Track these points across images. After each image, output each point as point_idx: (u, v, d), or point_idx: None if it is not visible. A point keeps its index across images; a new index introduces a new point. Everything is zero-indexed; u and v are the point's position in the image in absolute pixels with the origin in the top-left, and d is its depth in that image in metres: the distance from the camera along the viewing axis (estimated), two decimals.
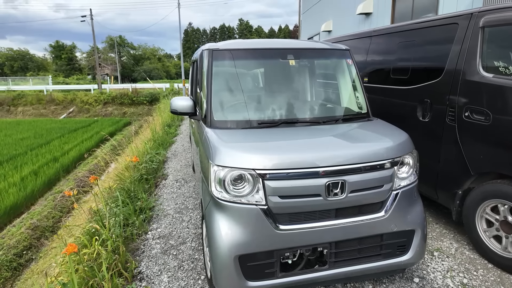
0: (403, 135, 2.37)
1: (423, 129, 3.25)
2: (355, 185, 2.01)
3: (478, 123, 2.68)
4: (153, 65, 55.37)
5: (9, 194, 7.54)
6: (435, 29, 3.25)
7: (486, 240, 2.74)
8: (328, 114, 2.90)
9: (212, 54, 2.73)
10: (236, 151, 2.04)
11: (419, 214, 2.26)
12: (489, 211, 2.70)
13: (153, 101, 23.65)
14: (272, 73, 3.02)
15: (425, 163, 3.00)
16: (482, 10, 2.77)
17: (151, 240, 3.31)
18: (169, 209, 4.06)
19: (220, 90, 2.69)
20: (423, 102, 3.26)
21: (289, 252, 2.01)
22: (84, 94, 26.13)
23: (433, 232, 3.26)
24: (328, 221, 2.04)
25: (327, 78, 3.26)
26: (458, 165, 2.89)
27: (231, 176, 1.96)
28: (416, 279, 2.53)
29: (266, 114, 2.68)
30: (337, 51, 3.09)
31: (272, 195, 1.94)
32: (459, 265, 2.71)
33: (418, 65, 3.46)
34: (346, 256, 2.11)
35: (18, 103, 25.51)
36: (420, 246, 2.23)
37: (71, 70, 52.38)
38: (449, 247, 2.98)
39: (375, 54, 4.19)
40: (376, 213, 2.12)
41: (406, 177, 2.22)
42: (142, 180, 4.90)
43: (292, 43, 3.25)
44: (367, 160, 2.06)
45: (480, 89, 2.68)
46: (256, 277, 1.98)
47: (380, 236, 2.15)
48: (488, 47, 2.70)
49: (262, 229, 1.95)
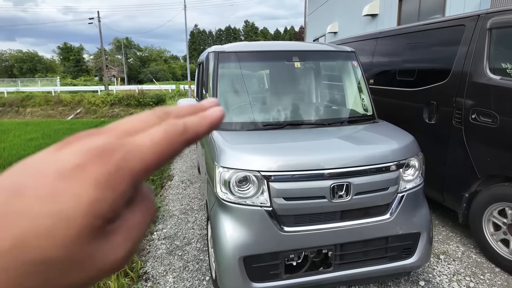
0: (409, 137, 2.36)
1: (429, 131, 3.23)
2: (360, 187, 2.01)
3: (485, 125, 2.66)
4: (159, 66, 55.73)
5: None
6: (441, 31, 3.23)
7: (493, 243, 2.71)
8: (334, 116, 2.90)
9: (218, 56, 2.75)
10: (241, 153, 2.05)
11: (425, 217, 2.24)
12: (496, 214, 2.67)
13: (159, 102, 23.79)
14: (277, 75, 3.03)
15: (431, 165, 2.98)
16: (489, 11, 2.75)
17: (156, 240, 3.33)
18: (174, 210, 4.09)
19: (225, 92, 2.70)
20: (430, 104, 3.24)
21: (293, 254, 2.02)
22: (91, 95, 26.40)
23: (439, 235, 3.23)
24: (333, 223, 2.04)
25: (333, 80, 3.26)
26: (464, 167, 2.86)
27: (236, 177, 1.97)
28: (422, 283, 2.51)
29: (271, 116, 2.69)
30: (343, 53, 3.09)
31: (277, 197, 1.95)
32: (466, 269, 2.69)
33: (425, 67, 3.44)
34: (351, 259, 2.11)
35: (27, 104, 25.87)
36: (426, 249, 2.22)
37: (79, 71, 52.98)
38: (456, 250, 2.96)
39: (381, 56, 4.18)
40: (382, 215, 2.11)
41: (411, 180, 2.21)
42: (147, 181, 4.93)
43: (297, 45, 3.26)
44: (372, 162, 2.05)
45: (487, 91, 2.66)
46: (261, 279, 1.99)
47: (386, 239, 2.14)
48: (495, 49, 2.68)
49: (267, 230, 1.96)
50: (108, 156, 0.20)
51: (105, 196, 0.20)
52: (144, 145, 0.22)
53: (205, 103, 0.27)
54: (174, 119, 0.24)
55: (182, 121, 0.24)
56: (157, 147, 0.22)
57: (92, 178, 0.20)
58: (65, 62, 54.38)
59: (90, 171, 0.20)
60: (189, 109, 0.26)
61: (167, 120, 0.24)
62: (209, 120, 0.25)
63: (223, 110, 0.26)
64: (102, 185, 0.20)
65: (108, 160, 0.20)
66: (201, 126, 0.25)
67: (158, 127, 0.23)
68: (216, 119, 0.25)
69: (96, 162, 0.20)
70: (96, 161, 0.20)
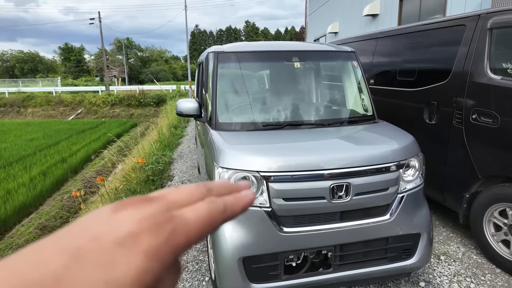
0: (409, 138, 2.35)
1: (429, 132, 3.22)
2: (360, 188, 2.00)
3: (486, 125, 2.65)
4: (160, 67, 55.80)
5: (18, 194, 7.65)
6: (442, 31, 3.22)
7: (494, 244, 2.70)
8: (333, 116, 2.89)
9: (218, 56, 2.75)
10: (240, 153, 2.05)
11: (425, 218, 2.23)
12: (497, 215, 2.66)
13: (159, 102, 23.80)
14: (277, 76, 3.03)
15: (431, 165, 2.97)
16: (490, 11, 2.74)
17: None
18: None
19: (225, 92, 2.70)
20: (430, 104, 3.23)
21: (293, 254, 2.01)
22: (92, 95, 26.43)
23: (440, 235, 3.22)
24: (332, 224, 2.03)
25: (333, 80, 3.25)
26: (465, 168, 2.85)
27: (236, 178, 1.96)
28: (422, 283, 2.50)
29: (271, 116, 2.68)
30: (343, 53, 3.08)
31: (276, 197, 1.94)
32: (466, 270, 2.68)
33: (425, 67, 3.43)
34: (351, 259, 2.10)
35: (28, 105, 25.91)
36: (426, 250, 2.21)
37: (80, 72, 53.06)
38: (456, 251, 2.95)
39: (381, 56, 4.17)
40: (382, 216, 2.10)
41: (412, 180, 2.20)
42: (148, 181, 4.93)
43: (297, 45, 3.26)
44: (372, 162, 2.05)
45: (488, 91, 2.65)
46: (260, 279, 1.98)
47: (386, 240, 2.13)
48: (496, 48, 2.67)
49: (266, 231, 1.95)
50: (159, 228, 0.22)
51: (152, 267, 0.21)
52: (190, 221, 0.24)
53: (240, 184, 0.30)
54: (215, 197, 0.27)
55: (222, 201, 0.27)
56: (201, 224, 0.24)
57: (144, 249, 0.21)
58: (66, 63, 54.48)
59: (143, 241, 0.21)
60: (227, 187, 0.29)
61: (209, 196, 0.26)
62: (244, 202, 0.28)
63: (255, 193, 0.30)
64: (152, 256, 0.21)
65: (159, 232, 0.22)
66: (237, 206, 0.28)
67: (202, 203, 0.25)
68: (249, 201, 0.29)
69: (148, 233, 0.22)
70: (148, 232, 0.22)
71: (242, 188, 0.29)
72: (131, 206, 0.23)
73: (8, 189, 7.96)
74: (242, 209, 0.28)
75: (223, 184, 0.29)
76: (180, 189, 0.26)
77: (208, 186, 0.27)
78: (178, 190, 0.26)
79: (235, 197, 0.28)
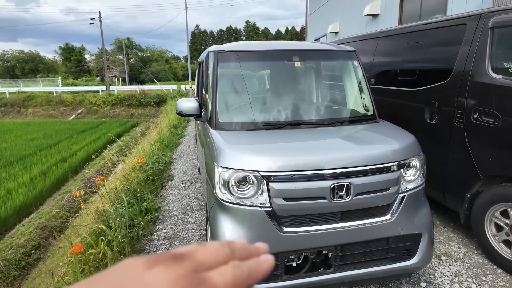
0: (410, 137, 2.34)
1: (430, 131, 3.21)
2: (360, 188, 1.99)
3: (487, 125, 2.63)
4: (160, 67, 55.80)
5: (19, 193, 7.65)
6: (443, 30, 3.21)
7: (496, 244, 2.68)
8: (334, 116, 2.88)
9: (218, 56, 2.74)
10: (240, 153, 2.04)
11: (426, 218, 2.22)
12: (498, 215, 2.65)
13: (160, 102, 23.80)
14: (277, 75, 3.02)
15: (432, 165, 2.96)
16: (491, 10, 2.73)
17: (156, 241, 3.32)
18: (174, 210, 4.08)
19: (225, 92, 2.69)
20: (431, 104, 3.22)
21: (293, 254, 2.00)
22: (93, 95, 26.44)
23: (441, 235, 3.21)
24: (333, 224, 2.02)
25: (333, 79, 3.24)
26: (466, 167, 2.84)
27: (236, 178, 1.95)
28: (423, 284, 2.49)
29: (271, 115, 2.67)
30: (343, 52, 3.07)
31: (276, 197, 1.93)
32: (468, 270, 2.67)
33: (426, 67, 3.42)
34: (351, 260, 2.09)
35: (29, 105, 25.93)
36: (427, 250, 2.20)
37: (80, 72, 53.07)
38: (457, 251, 2.93)
39: (382, 55, 4.16)
40: (382, 216, 2.09)
41: (412, 180, 2.19)
42: (148, 181, 4.93)
43: (297, 44, 3.25)
44: (373, 162, 2.04)
45: (489, 91, 2.64)
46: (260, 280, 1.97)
47: (386, 240, 2.12)
48: (497, 48, 2.66)
49: (266, 231, 1.94)
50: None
51: None
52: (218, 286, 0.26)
53: (259, 247, 0.33)
54: (238, 262, 0.29)
55: (246, 267, 0.29)
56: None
57: None
58: (67, 63, 54.51)
59: None
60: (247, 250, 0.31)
61: (234, 259, 0.29)
62: (264, 269, 0.31)
63: (273, 258, 0.32)
64: None
65: None
66: (259, 273, 0.30)
67: (228, 268, 0.28)
68: (269, 268, 0.31)
69: None
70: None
71: (261, 251, 0.32)
72: (163, 263, 0.25)
73: (8, 188, 7.96)
74: (263, 275, 0.30)
75: (244, 246, 0.31)
76: (207, 247, 0.28)
77: (231, 247, 0.30)
78: (205, 248, 0.28)
79: (257, 263, 0.30)
